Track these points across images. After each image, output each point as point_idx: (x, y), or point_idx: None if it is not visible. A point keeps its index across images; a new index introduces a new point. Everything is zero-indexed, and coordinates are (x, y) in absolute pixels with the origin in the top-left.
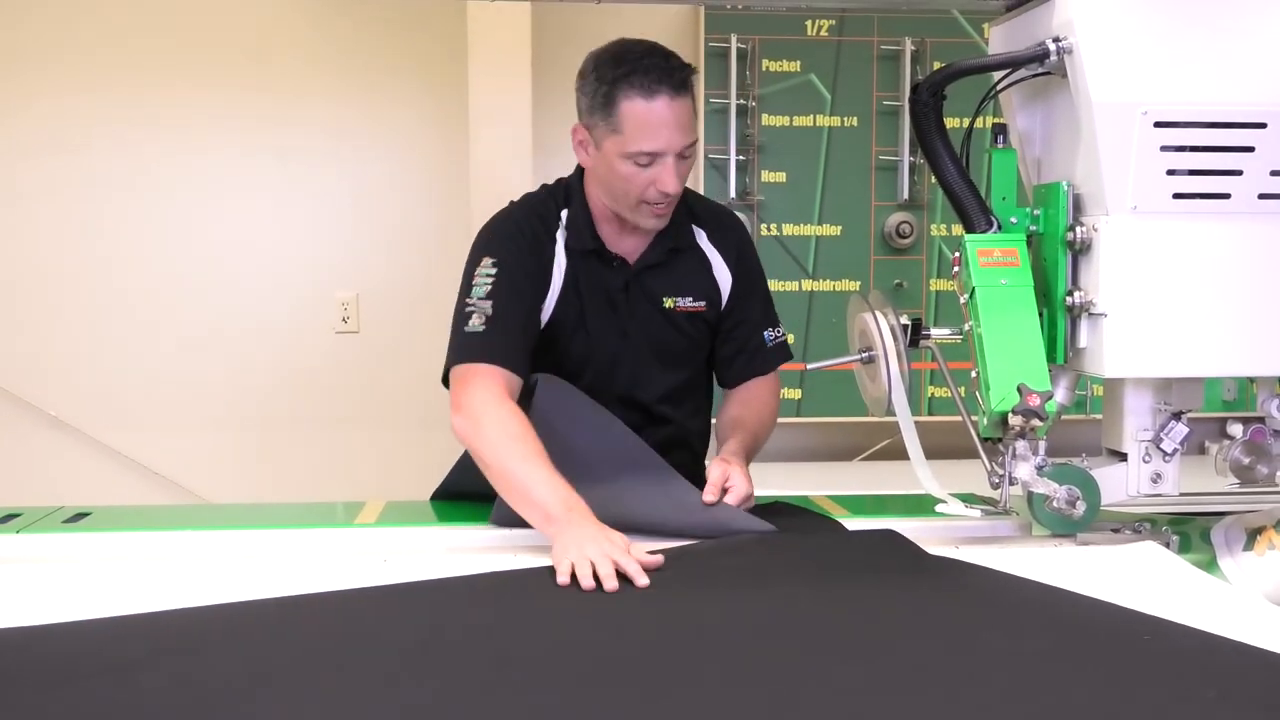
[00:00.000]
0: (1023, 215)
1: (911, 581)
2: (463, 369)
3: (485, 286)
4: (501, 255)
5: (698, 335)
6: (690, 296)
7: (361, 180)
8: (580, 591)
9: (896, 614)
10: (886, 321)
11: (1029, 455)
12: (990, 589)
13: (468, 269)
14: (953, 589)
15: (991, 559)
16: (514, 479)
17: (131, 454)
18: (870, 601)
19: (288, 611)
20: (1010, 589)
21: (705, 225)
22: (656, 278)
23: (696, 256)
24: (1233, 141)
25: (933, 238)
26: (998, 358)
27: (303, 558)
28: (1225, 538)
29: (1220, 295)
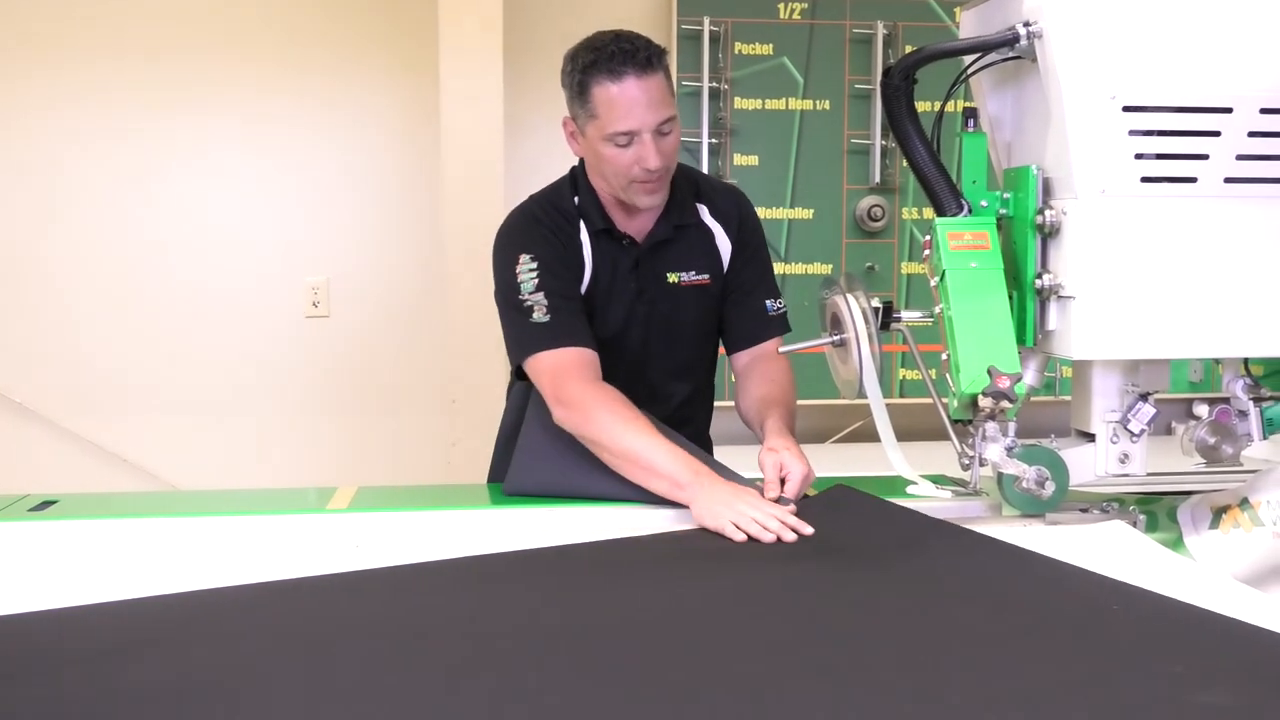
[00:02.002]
0: (993, 199)
1: (871, 546)
2: (545, 358)
3: (533, 281)
4: (536, 249)
5: (703, 309)
6: (694, 270)
7: (331, 163)
8: (556, 575)
9: (857, 586)
10: (858, 304)
11: (999, 436)
12: (959, 552)
13: (504, 271)
14: (919, 555)
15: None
16: (637, 456)
17: (99, 440)
18: (834, 575)
19: (262, 598)
20: (980, 550)
21: (707, 200)
22: (663, 254)
23: (700, 231)
24: (1199, 126)
25: (904, 221)
26: (968, 340)
27: (274, 544)
28: (1191, 517)
29: (1186, 278)
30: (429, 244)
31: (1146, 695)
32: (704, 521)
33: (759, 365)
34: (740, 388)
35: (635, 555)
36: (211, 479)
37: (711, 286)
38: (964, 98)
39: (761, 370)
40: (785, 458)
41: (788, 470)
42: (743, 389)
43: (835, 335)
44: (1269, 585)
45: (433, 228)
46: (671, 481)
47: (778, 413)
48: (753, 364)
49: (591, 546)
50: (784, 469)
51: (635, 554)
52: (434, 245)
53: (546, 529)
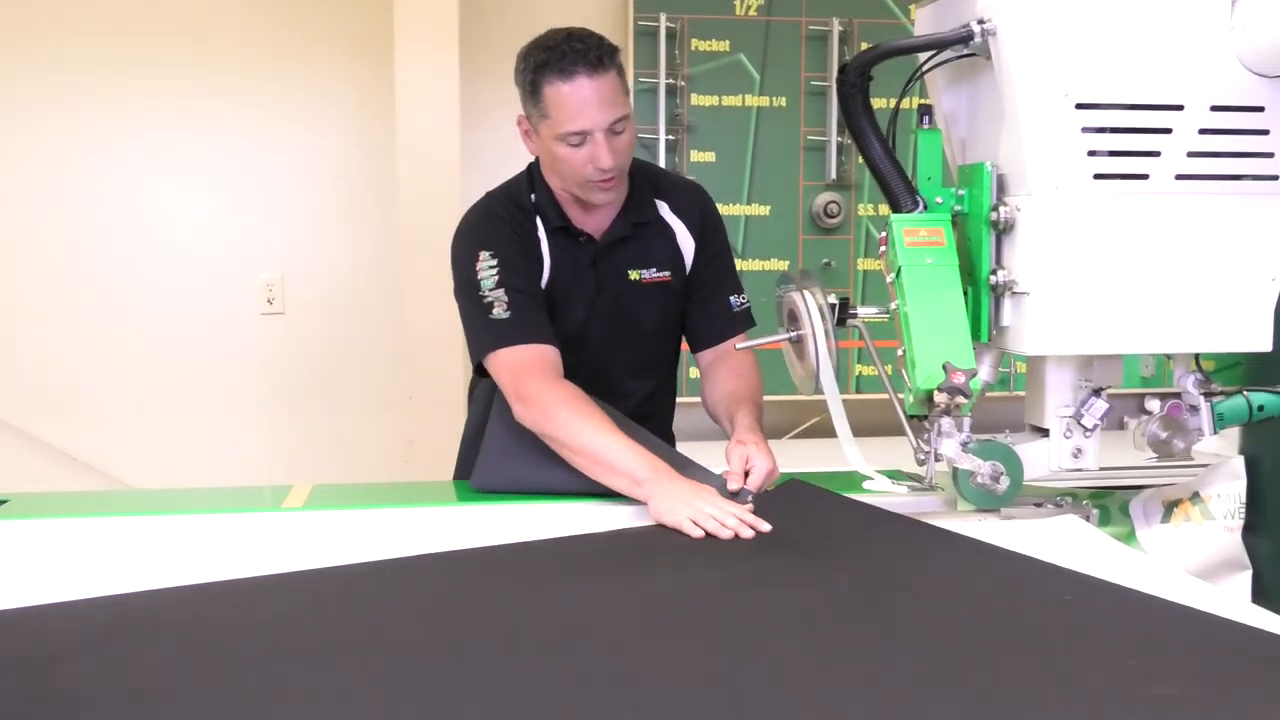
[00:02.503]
0: (948, 195)
1: (828, 543)
2: (505, 355)
3: (493, 278)
4: (496, 245)
5: (664, 306)
6: (654, 268)
7: (285, 157)
8: (514, 572)
9: (817, 580)
10: (814, 301)
11: (954, 432)
12: (914, 545)
13: (464, 267)
14: (874, 548)
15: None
16: (596, 453)
17: (49, 439)
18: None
19: (217, 597)
20: (934, 543)
21: (667, 197)
22: (622, 252)
23: (660, 228)
24: (1151, 123)
25: (860, 217)
26: (923, 336)
27: (228, 543)
28: (1143, 511)
29: (1139, 274)
30: (385, 240)
31: (1102, 688)
32: (662, 518)
33: (726, 360)
34: (707, 383)
35: (592, 552)
36: (165, 478)
37: (673, 284)
38: (919, 94)
39: (729, 365)
40: (752, 451)
41: (753, 464)
42: (710, 384)
43: (792, 331)
44: (1219, 577)
45: (389, 223)
46: (630, 479)
47: (747, 408)
48: (719, 359)
49: (550, 543)
50: (749, 462)
51: (592, 551)
52: (390, 241)
53: (507, 526)
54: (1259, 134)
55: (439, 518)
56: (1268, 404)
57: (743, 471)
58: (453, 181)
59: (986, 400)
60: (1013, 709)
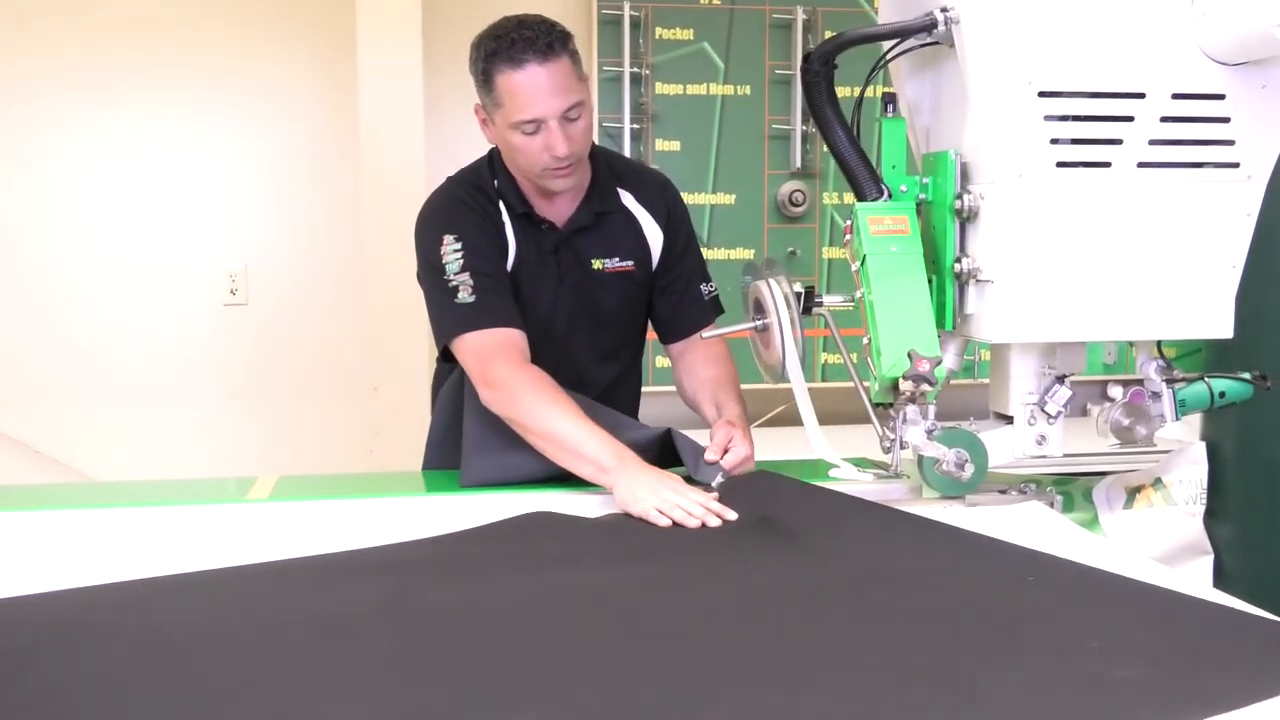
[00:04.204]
0: (912, 183)
1: (799, 525)
2: (470, 339)
3: (458, 262)
4: (460, 230)
5: (628, 296)
6: (618, 257)
7: (247, 146)
8: (477, 560)
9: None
10: (780, 289)
11: (919, 420)
12: (879, 529)
13: (428, 252)
14: (839, 533)
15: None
16: (561, 439)
17: (10, 431)
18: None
19: (181, 589)
20: (899, 526)
21: (631, 187)
22: (585, 240)
23: (624, 218)
24: (1113, 111)
25: (825, 206)
26: (888, 324)
27: (192, 535)
28: (1106, 497)
29: (1101, 261)
30: (349, 229)
31: (1064, 673)
32: (628, 507)
33: (699, 348)
34: (684, 371)
35: (556, 543)
36: (127, 470)
37: (636, 274)
38: (883, 83)
39: (704, 352)
40: (736, 436)
41: (734, 446)
42: (687, 372)
43: (758, 320)
44: (1181, 562)
45: (353, 211)
46: (595, 465)
47: (733, 394)
48: (691, 347)
49: (513, 531)
50: (731, 443)
51: (556, 541)
52: (354, 229)
53: (476, 516)
54: (1220, 122)
55: (406, 508)
56: (1229, 390)
57: (723, 449)
58: (417, 169)
59: (951, 388)
60: (975, 693)
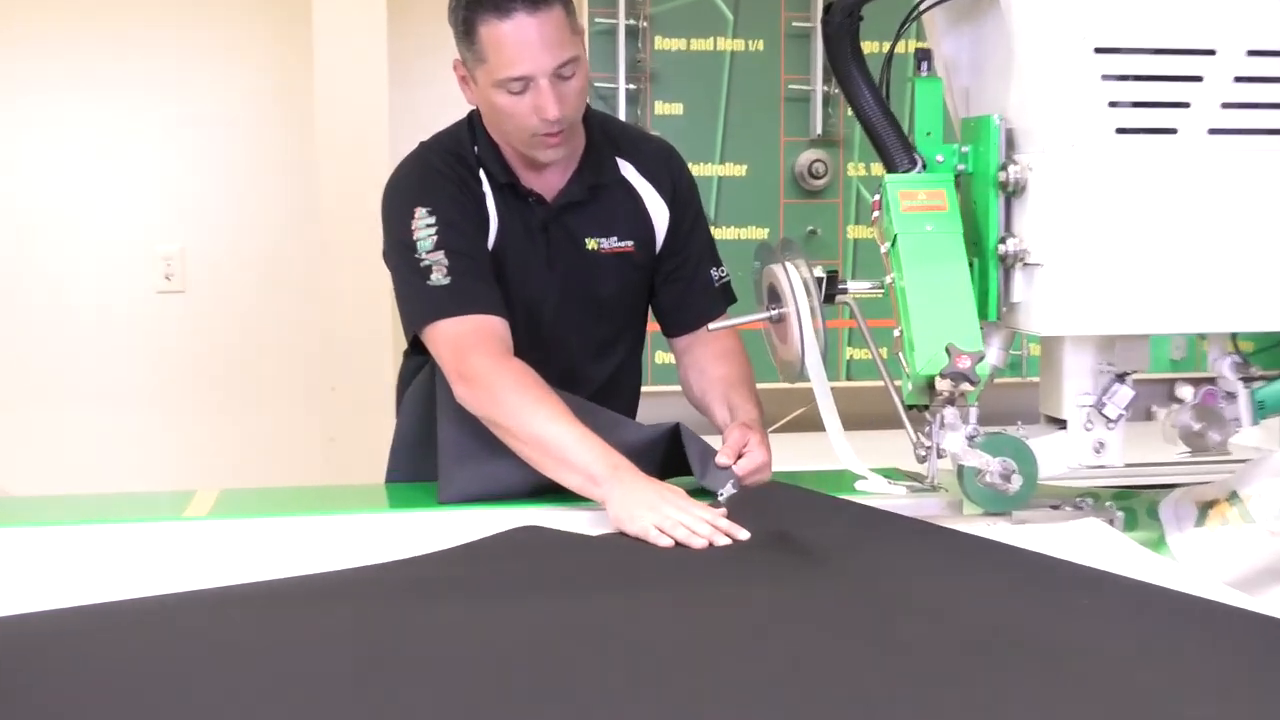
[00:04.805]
0: (950, 153)
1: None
2: (445, 327)
3: (431, 238)
4: (434, 202)
5: (627, 280)
6: (615, 236)
7: (187, 112)
8: (453, 585)
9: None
10: (798, 274)
11: (958, 424)
12: (913, 547)
13: (396, 227)
14: (868, 552)
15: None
16: (547, 444)
17: None
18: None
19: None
20: (935, 543)
21: (631, 156)
22: (578, 217)
23: (623, 191)
24: (1180, 70)
25: (850, 179)
26: (923, 314)
27: (121, 558)
28: (1175, 513)
29: (1168, 242)
30: (303, 207)
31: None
32: (623, 525)
33: (709, 343)
34: (691, 368)
35: (539, 566)
36: (42, 482)
37: (637, 255)
38: (916, 38)
39: (714, 347)
40: (753, 440)
41: (750, 452)
42: (695, 369)
43: (773, 310)
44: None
45: (307, 188)
46: (585, 476)
47: (749, 396)
48: (700, 342)
49: (489, 552)
50: (746, 448)
51: (540, 564)
52: (309, 208)
53: (446, 533)
54: None
55: (368, 527)
56: None
57: (736, 453)
58: (380, 139)
59: (995, 387)
60: None
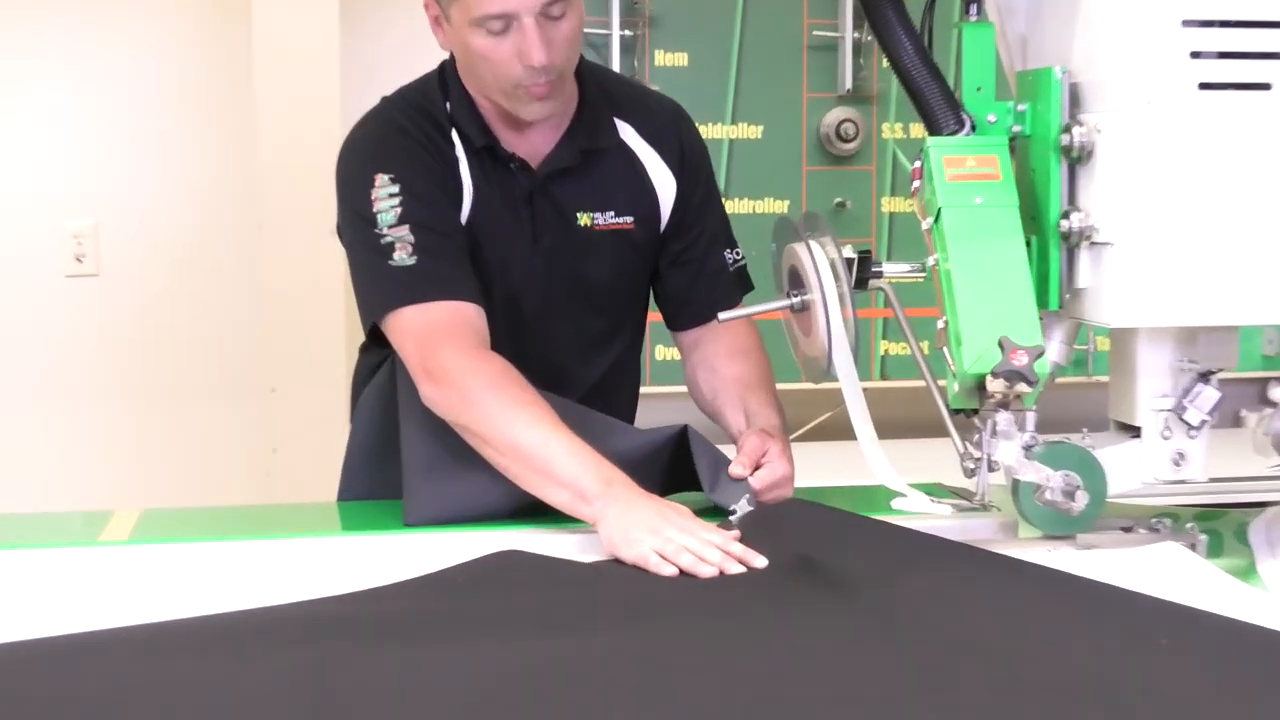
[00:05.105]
0: (1003, 111)
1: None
2: (409, 315)
3: (393, 211)
4: (398, 168)
5: (625, 263)
6: (612, 211)
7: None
8: (417, 623)
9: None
10: (824, 255)
11: (1013, 432)
12: (961, 580)
13: (354, 196)
14: (909, 587)
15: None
16: (530, 454)
17: None
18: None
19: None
20: (987, 574)
21: (632, 116)
22: (568, 187)
23: (623, 158)
24: (1274, 15)
25: (885, 142)
26: (972, 302)
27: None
28: (1267, 536)
29: (1260, 218)
30: (238, 177)
31: None
32: (618, 550)
33: (722, 336)
34: (699, 366)
35: (524, 592)
36: None
37: (637, 233)
38: None
39: (728, 343)
40: (773, 449)
41: (768, 460)
42: (706, 367)
43: (794, 297)
44: None
45: (243, 155)
46: (574, 492)
47: (768, 400)
48: (712, 336)
49: (465, 581)
50: (765, 458)
51: (524, 589)
52: (245, 178)
53: (409, 560)
54: None
55: (317, 552)
56: None
57: (754, 463)
58: (329, 97)
59: (1057, 388)
60: None
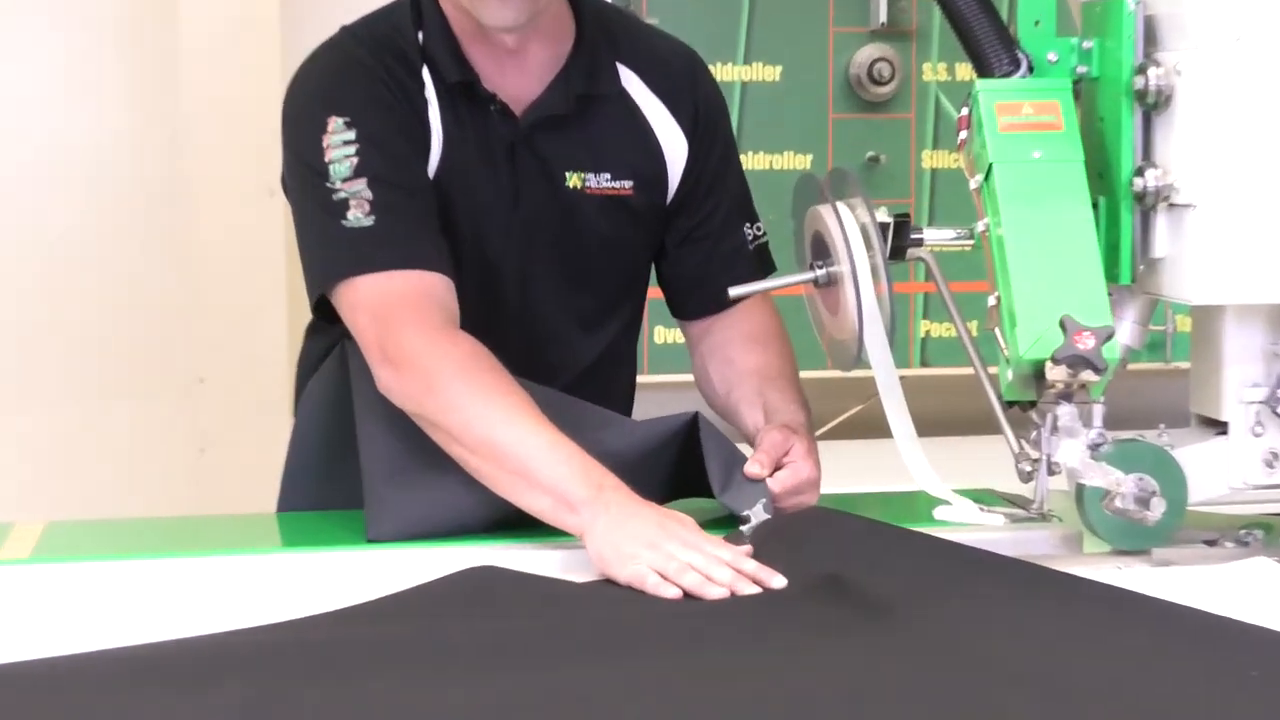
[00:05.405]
0: (1066, 50)
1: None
2: (365, 286)
3: (348, 161)
4: (355, 110)
5: (622, 234)
6: (608, 173)
7: None
8: (371, 659)
9: None
10: (854, 219)
11: (1078, 428)
12: (1015, 600)
13: (302, 144)
14: (951, 610)
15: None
16: (505, 453)
17: None
18: None
19: None
20: (1046, 594)
21: (638, 62)
22: (557, 140)
23: (624, 111)
24: None
25: (925, 85)
26: (1029, 275)
27: None
28: None
29: None
30: (156, 126)
31: None
32: (610, 569)
33: (738, 322)
34: (712, 356)
35: (503, 618)
36: None
37: (637, 200)
38: None
39: (744, 329)
40: (798, 448)
41: (791, 460)
42: (720, 358)
43: (818, 269)
44: None
45: (163, 94)
46: (558, 498)
47: (793, 392)
48: (726, 323)
49: (432, 603)
50: (788, 458)
51: (503, 613)
52: (163, 126)
53: (364, 580)
54: None
55: (254, 572)
56: None
57: (774, 463)
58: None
59: (1129, 377)
60: None
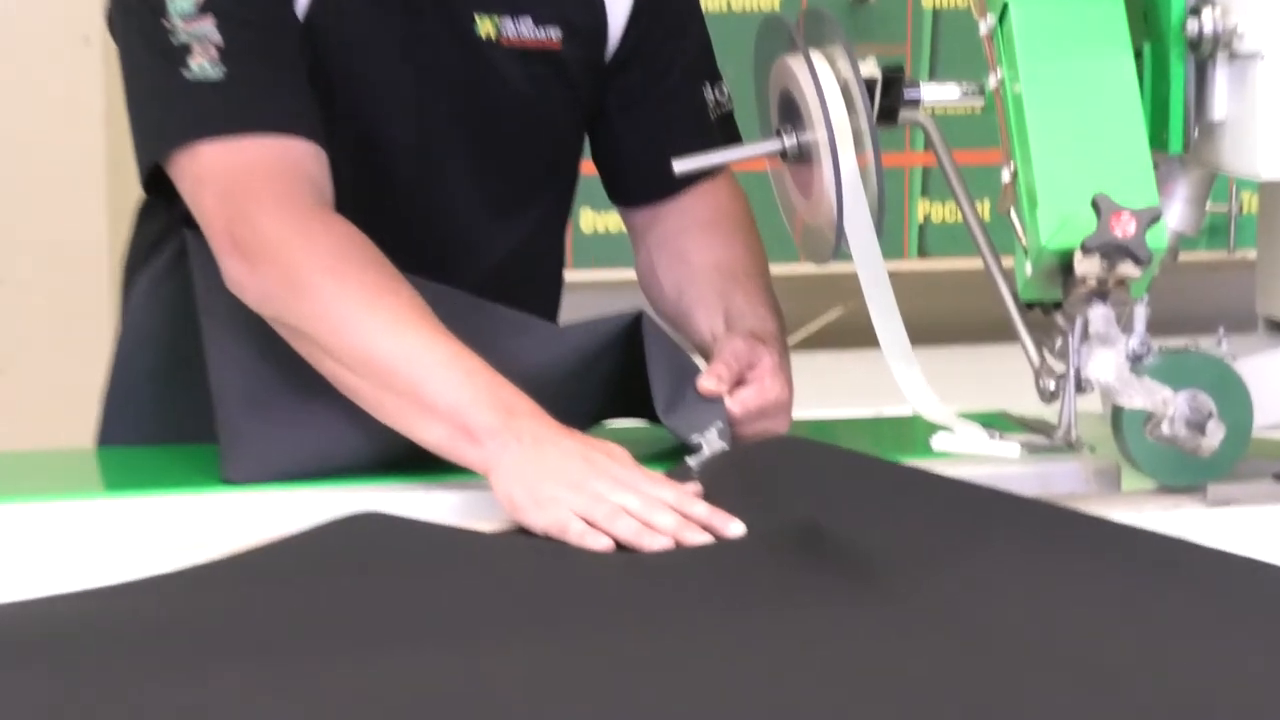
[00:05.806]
0: None
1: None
2: (210, 153)
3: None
4: None
5: (546, 96)
6: (530, 17)
7: None
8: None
9: None
10: (833, 73)
11: (1115, 335)
12: (1032, 548)
13: None
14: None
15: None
16: (388, 370)
17: None
18: None
19: None
20: (1068, 539)
21: None
22: None
23: None
24: None
25: None
26: (1053, 143)
27: None
28: None
29: None
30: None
31: None
32: (523, 515)
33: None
34: (660, 250)
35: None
36: None
37: (566, 54)
38: None
39: (701, 214)
40: (765, 361)
41: (756, 379)
42: (670, 252)
43: (787, 137)
44: None
45: None
46: (456, 426)
47: (761, 294)
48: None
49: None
50: (753, 373)
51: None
52: None
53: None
54: None
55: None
56: None
57: (734, 378)
58: None
59: (1180, 270)
60: None
